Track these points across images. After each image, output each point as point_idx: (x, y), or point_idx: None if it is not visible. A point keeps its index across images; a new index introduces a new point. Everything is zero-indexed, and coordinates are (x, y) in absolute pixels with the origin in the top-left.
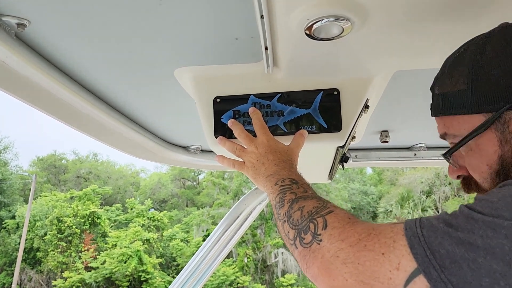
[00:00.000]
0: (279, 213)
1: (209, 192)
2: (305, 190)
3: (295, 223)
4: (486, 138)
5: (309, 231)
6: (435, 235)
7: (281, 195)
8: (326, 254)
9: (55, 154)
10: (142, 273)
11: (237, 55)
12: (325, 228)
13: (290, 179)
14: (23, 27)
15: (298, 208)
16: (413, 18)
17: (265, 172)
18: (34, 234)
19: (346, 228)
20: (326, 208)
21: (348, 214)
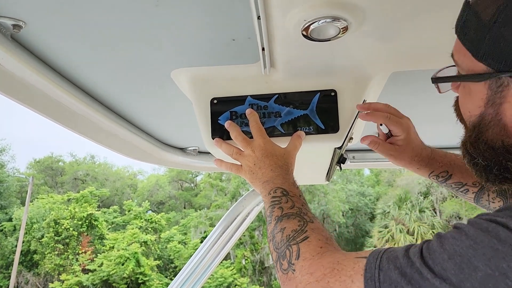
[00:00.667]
0: (267, 229)
1: (206, 194)
2: (292, 205)
3: (276, 245)
4: (478, 89)
5: (285, 258)
6: (389, 282)
7: (271, 209)
8: (298, 285)
9: (52, 156)
10: (139, 275)
11: (234, 56)
12: (298, 258)
13: (282, 189)
14: (19, 29)
15: (280, 229)
16: (410, 19)
17: (262, 177)
18: (31, 236)
19: (315, 261)
20: (303, 233)
21: (321, 242)
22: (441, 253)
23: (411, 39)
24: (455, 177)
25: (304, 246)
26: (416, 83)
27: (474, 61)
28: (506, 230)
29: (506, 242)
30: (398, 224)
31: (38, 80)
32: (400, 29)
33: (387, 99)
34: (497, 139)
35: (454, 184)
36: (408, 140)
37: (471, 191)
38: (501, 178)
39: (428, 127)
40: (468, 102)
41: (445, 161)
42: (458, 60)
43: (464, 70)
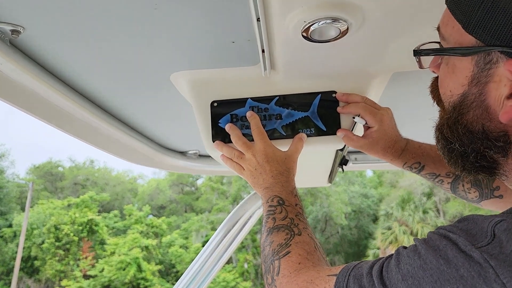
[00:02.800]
0: (261, 239)
1: (207, 197)
2: (285, 216)
3: (264, 259)
4: (463, 65)
5: (269, 273)
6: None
7: (265, 219)
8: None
9: (51, 161)
10: (141, 280)
11: (234, 58)
12: (278, 274)
13: (279, 198)
14: (18, 34)
15: (269, 242)
16: (411, 19)
17: (263, 183)
18: (32, 242)
19: (291, 278)
20: (286, 247)
21: (301, 257)
22: (396, 273)
23: (412, 39)
24: (428, 168)
25: (284, 262)
26: (418, 83)
27: (463, 34)
28: (455, 249)
29: (452, 262)
30: (402, 225)
31: (37, 85)
32: (401, 29)
33: (388, 100)
34: (478, 122)
35: (428, 175)
36: (382, 132)
37: (446, 181)
38: (477, 167)
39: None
40: (451, 81)
41: (419, 152)
42: (445, 33)
43: (451, 44)
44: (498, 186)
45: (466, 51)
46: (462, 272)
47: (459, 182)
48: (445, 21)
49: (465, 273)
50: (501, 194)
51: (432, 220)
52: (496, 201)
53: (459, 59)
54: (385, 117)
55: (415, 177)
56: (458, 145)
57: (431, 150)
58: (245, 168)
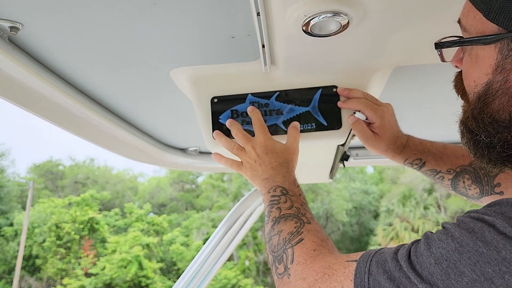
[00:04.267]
0: (265, 229)
1: (208, 195)
2: (291, 205)
3: (273, 248)
4: (486, 54)
5: (282, 262)
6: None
7: (269, 209)
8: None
9: (51, 160)
10: (142, 278)
11: (234, 54)
12: (292, 262)
13: (282, 188)
14: (16, 31)
15: (277, 232)
16: (412, 13)
17: (262, 174)
18: (33, 241)
19: (307, 265)
20: (298, 235)
21: (315, 244)
22: (428, 257)
23: (414, 33)
24: (429, 165)
25: (298, 249)
26: (419, 78)
27: (485, 22)
28: (493, 231)
29: (492, 244)
30: (403, 221)
31: (36, 82)
32: (402, 23)
33: (390, 94)
34: (504, 111)
35: (429, 171)
36: (382, 128)
37: (447, 178)
38: (505, 157)
39: (432, 122)
40: (475, 71)
41: (419, 148)
42: (467, 24)
43: (473, 34)
44: (499, 182)
45: (488, 39)
46: (504, 254)
47: (459, 179)
48: (466, 12)
49: (507, 255)
50: (501, 191)
51: (433, 216)
52: (496, 197)
53: (482, 48)
54: (386, 113)
55: (416, 173)
56: (484, 136)
57: (432, 146)
58: (244, 161)
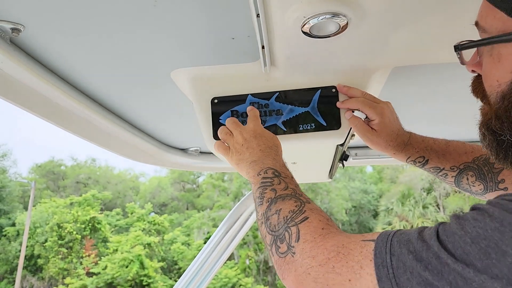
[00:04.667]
0: (258, 212)
1: (209, 195)
2: (286, 186)
3: (272, 228)
4: (509, 52)
5: (284, 240)
6: (404, 268)
7: (261, 190)
8: (299, 269)
9: (53, 160)
10: (143, 277)
11: (234, 55)
12: (298, 240)
13: (273, 170)
14: (18, 32)
15: (275, 211)
16: (411, 13)
17: (249, 157)
18: (35, 241)
19: (317, 243)
20: (301, 214)
21: (322, 223)
22: (462, 236)
23: (412, 34)
24: (432, 162)
25: (304, 228)
26: (418, 78)
27: (507, 21)
28: None
29: None
30: (402, 220)
31: (38, 83)
32: (400, 24)
33: (389, 94)
34: None
35: (432, 169)
36: (382, 125)
37: (450, 175)
38: None
39: (431, 122)
40: (497, 70)
41: (422, 146)
42: (486, 25)
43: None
44: (503, 179)
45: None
46: None
47: (463, 176)
48: (484, 14)
49: None
50: (506, 187)
51: (432, 215)
52: (501, 193)
53: (504, 46)
54: (385, 110)
55: (415, 173)
56: (508, 135)
57: (435, 144)
58: (231, 146)
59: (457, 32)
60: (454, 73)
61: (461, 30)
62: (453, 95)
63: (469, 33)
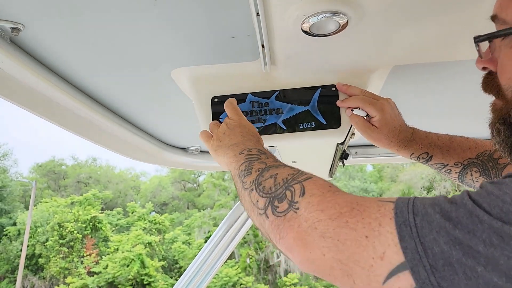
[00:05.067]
0: (244, 182)
1: (209, 194)
2: (276, 160)
3: (266, 191)
4: None
5: (285, 198)
6: (429, 227)
7: (248, 164)
8: (303, 223)
9: (54, 159)
10: (144, 276)
11: (234, 54)
12: (303, 195)
13: (258, 149)
14: (18, 32)
15: (270, 176)
16: (410, 12)
17: (228, 142)
18: (36, 240)
19: (326, 197)
20: (303, 175)
21: (328, 183)
22: (500, 196)
23: (412, 33)
24: (436, 158)
25: (310, 184)
26: (418, 76)
27: None
28: None
29: None
30: None
31: (38, 82)
32: (400, 22)
33: (389, 93)
34: None
35: (436, 165)
36: (383, 121)
37: (454, 171)
38: None
39: (431, 120)
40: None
41: (426, 142)
42: (507, 17)
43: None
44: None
45: None
46: None
47: (467, 172)
48: (504, 5)
49: None
50: None
51: None
52: None
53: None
54: (385, 106)
55: (415, 172)
56: None
57: (438, 140)
58: (214, 134)
59: (457, 31)
60: (453, 71)
61: (460, 28)
62: (453, 92)
63: (468, 32)
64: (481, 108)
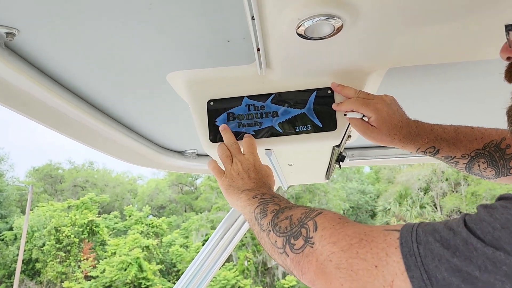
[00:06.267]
0: (262, 224)
1: (207, 197)
2: (288, 203)
3: (283, 230)
4: None
5: (300, 236)
6: (432, 256)
7: (263, 206)
8: (319, 257)
9: (50, 164)
10: (142, 280)
11: (230, 57)
12: (316, 230)
13: (271, 194)
14: (12, 36)
15: (285, 217)
16: (405, 14)
17: (242, 186)
18: (32, 245)
19: (336, 229)
20: (314, 211)
21: (338, 215)
22: (491, 222)
23: (407, 35)
24: (443, 152)
25: (321, 218)
26: (413, 78)
27: None
28: None
29: None
30: (399, 220)
31: (33, 87)
32: (395, 25)
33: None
34: None
35: (443, 157)
36: (380, 120)
37: (461, 162)
38: None
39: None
40: None
41: (431, 136)
42: None
43: None
44: None
45: None
46: None
47: (474, 163)
48: None
49: None
50: None
51: (429, 215)
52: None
53: None
54: (379, 105)
55: (412, 173)
56: None
57: (444, 132)
58: (226, 171)
59: (452, 33)
60: (448, 73)
61: (453, 31)
62: (448, 94)
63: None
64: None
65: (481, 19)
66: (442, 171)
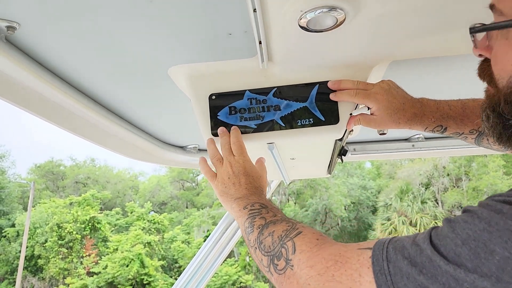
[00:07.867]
0: (249, 239)
1: (208, 193)
2: (275, 214)
3: (267, 249)
4: None
5: (282, 257)
6: (400, 274)
7: (250, 220)
8: (299, 280)
9: (52, 160)
10: (144, 276)
11: (231, 50)
12: (294, 252)
13: (260, 203)
14: (13, 30)
15: (268, 233)
16: (407, 7)
17: (234, 193)
18: (35, 241)
19: (313, 253)
20: (294, 230)
21: (316, 235)
22: (453, 239)
23: (410, 28)
24: (451, 129)
25: (299, 240)
26: (416, 71)
27: None
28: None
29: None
30: (401, 216)
31: (34, 81)
32: (398, 17)
33: None
34: None
35: (451, 134)
36: (382, 109)
37: (470, 137)
38: None
39: None
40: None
41: (437, 115)
42: (505, 8)
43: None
44: None
45: None
46: None
47: (483, 137)
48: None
49: None
50: None
51: (431, 210)
52: None
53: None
54: (379, 95)
55: (413, 168)
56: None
57: (451, 110)
58: (218, 175)
59: (455, 25)
60: (451, 66)
61: (457, 23)
62: (451, 87)
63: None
64: None
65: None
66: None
